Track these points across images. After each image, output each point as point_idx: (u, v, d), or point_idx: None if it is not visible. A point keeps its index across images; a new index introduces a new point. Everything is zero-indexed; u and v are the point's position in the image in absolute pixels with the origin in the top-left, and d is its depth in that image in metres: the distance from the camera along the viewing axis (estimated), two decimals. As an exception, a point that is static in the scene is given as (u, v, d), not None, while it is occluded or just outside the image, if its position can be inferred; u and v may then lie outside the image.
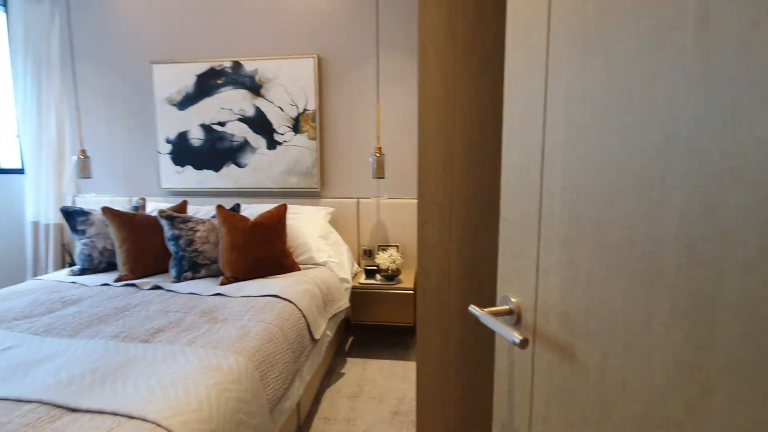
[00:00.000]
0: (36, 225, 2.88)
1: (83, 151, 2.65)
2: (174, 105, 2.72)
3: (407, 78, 2.53)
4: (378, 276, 2.45)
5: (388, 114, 2.57)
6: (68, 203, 2.91)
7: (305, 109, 2.61)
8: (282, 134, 2.65)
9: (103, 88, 2.86)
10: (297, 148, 2.64)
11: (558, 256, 0.52)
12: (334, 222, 2.63)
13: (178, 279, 1.98)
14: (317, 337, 1.75)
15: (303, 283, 1.92)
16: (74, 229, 2.15)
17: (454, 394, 1.04)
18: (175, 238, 2.01)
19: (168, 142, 2.76)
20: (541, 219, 0.55)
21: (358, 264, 2.68)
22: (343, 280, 2.25)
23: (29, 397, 0.99)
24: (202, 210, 2.52)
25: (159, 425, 0.92)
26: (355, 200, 2.66)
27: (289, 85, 2.60)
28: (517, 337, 0.50)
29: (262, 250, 2.04)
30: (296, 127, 2.63)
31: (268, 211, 2.16)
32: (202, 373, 1.12)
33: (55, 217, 2.88)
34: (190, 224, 2.05)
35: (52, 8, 2.79)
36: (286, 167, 2.66)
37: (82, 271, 2.12)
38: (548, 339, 0.54)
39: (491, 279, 0.99)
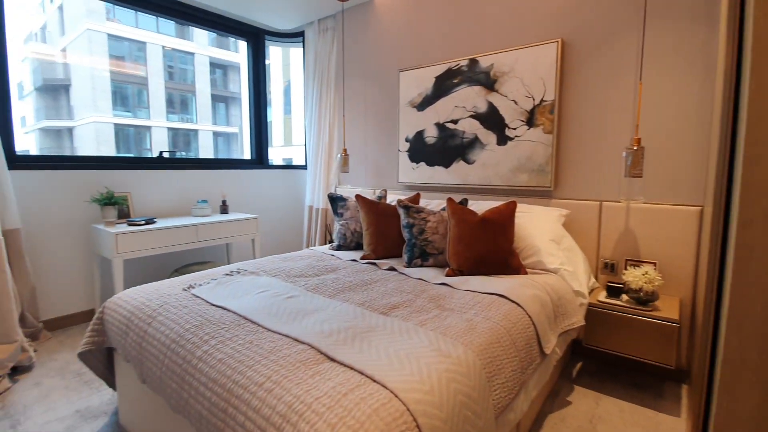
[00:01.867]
0: (311, 208, 3.71)
1: (345, 150, 3.22)
2: (414, 107, 2.98)
3: (688, 51, 1.96)
4: (624, 297, 2.00)
5: (652, 98, 2.06)
6: (332, 191, 3.62)
7: (542, 101, 2.39)
8: (514, 129, 2.51)
9: (362, 97, 3.40)
10: (529, 143, 2.45)
11: None
12: (568, 226, 2.30)
13: (410, 264, 2.13)
14: (547, 351, 1.53)
15: (531, 288, 1.74)
16: (335, 212, 2.62)
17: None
18: (409, 226, 2.16)
19: (407, 140, 3.05)
20: None
21: (596, 278, 2.27)
22: (577, 293, 1.93)
23: (303, 339, 1.20)
24: (431, 203, 2.65)
25: (396, 396, 0.95)
26: (597, 203, 2.26)
27: (526, 76, 2.43)
28: None
29: (488, 246, 1.96)
30: (530, 121, 2.44)
31: (497, 207, 2.06)
32: (433, 356, 1.12)
33: (322, 203, 3.62)
34: (423, 214, 2.17)
35: (333, 36, 3.50)
36: (516, 163, 2.51)
37: (338, 247, 2.56)
38: None
39: None
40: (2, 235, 2.19)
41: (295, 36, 3.89)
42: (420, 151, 2.97)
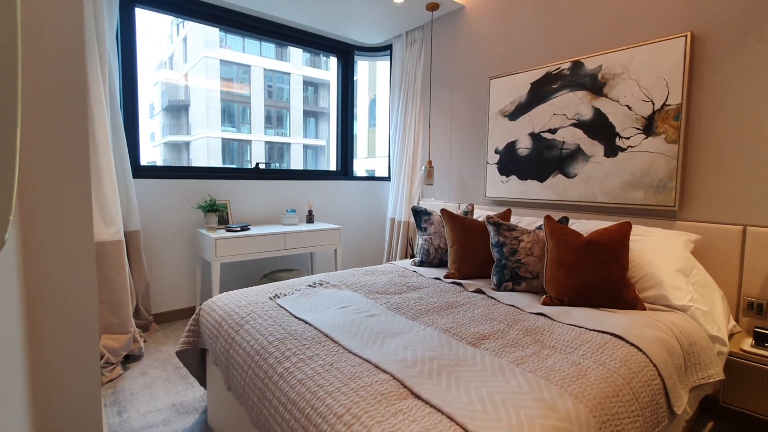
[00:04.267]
0: (393, 221, 3.67)
1: (430, 162, 3.12)
2: (506, 116, 2.78)
3: None
4: (780, 347, 1.58)
5: (828, 96, 1.62)
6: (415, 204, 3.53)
7: (665, 105, 2.04)
8: (627, 138, 2.18)
9: (450, 107, 3.29)
10: (647, 154, 2.10)
11: None
12: (699, 255, 1.91)
13: (499, 287, 1.94)
14: (677, 410, 1.24)
15: (653, 328, 1.44)
16: (419, 226, 2.52)
17: None
18: (500, 246, 1.98)
19: (496, 152, 2.85)
20: None
21: (736, 320, 1.85)
22: (714, 338, 1.57)
23: (385, 368, 1.11)
24: (524, 220, 2.42)
25: (492, 452, 0.80)
26: (739, 227, 1.84)
27: (643, 78, 2.11)
28: None
29: (595, 273, 1.70)
30: (648, 129, 2.10)
31: (606, 228, 1.78)
32: (535, 407, 0.94)
33: (405, 216, 3.56)
34: (515, 233, 1.97)
35: (420, 48, 3.45)
36: (628, 178, 2.18)
37: (421, 263, 2.45)
38: None
39: None
40: (124, 237, 2.48)
41: (383, 50, 3.93)
42: (511, 163, 2.75)
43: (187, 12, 3.03)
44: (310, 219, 3.46)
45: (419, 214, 2.53)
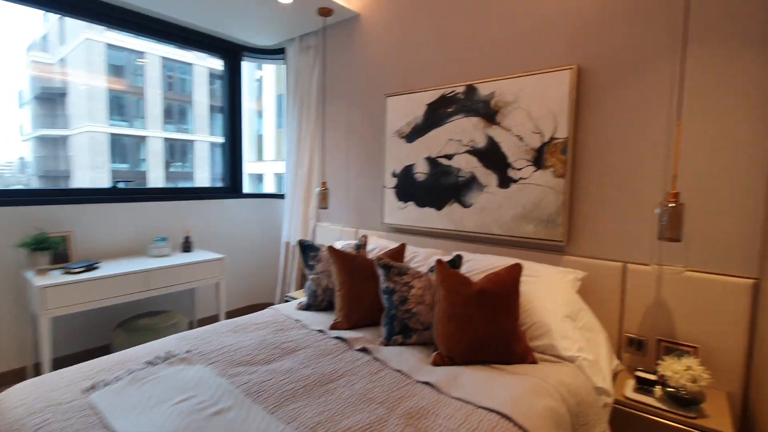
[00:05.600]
0: (287, 245, 3.29)
1: (324, 184, 2.82)
2: (403, 137, 2.59)
3: (738, 86, 1.57)
4: (657, 391, 1.57)
5: (692, 142, 1.66)
6: (311, 230, 3.20)
7: (553, 138, 1.99)
8: (518, 169, 2.11)
9: (345, 123, 3.02)
10: (537, 187, 2.05)
11: None
12: (584, 291, 1.89)
13: (389, 340, 1.71)
14: (566, 503, 1.11)
15: (543, 395, 1.32)
16: (306, 263, 2.21)
17: None
18: (389, 292, 1.75)
19: (394, 176, 2.65)
20: None
21: (618, 356, 1.85)
22: (600, 390, 1.51)
23: None
24: (420, 254, 2.24)
25: None
26: (620, 264, 1.84)
27: (534, 108, 2.04)
28: None
29: (487, 327, 1.55)
30: (538, 161, 2.04)
31: (497, 274, 1.65)
32: None
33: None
34: (406, 278, 1.76)
35: (315, 55, 3.13)
36: (520, 211, 2.11)
37: (307, 306, 2.14)
38: None
39: None
40: None
41: (276, 52, 3.53)
42: (408, 188, 2.57)
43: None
44: (186, 248, 2.95)
45: (307, 249, 2.21)
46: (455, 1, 2.35)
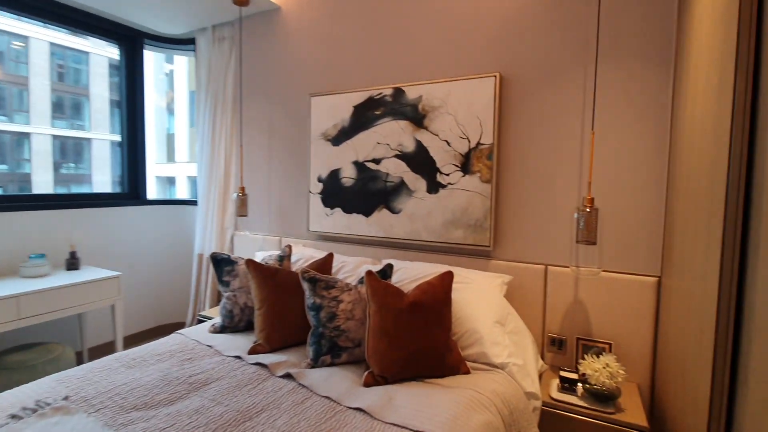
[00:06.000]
0: (201, 258, 2.96)
1: (242, 189, 2.57)
2: (329, 140, 2.45)
3: (641, 98, 1.69)
4: (579, 389, 1.63)
5: (603, 150, 1.77)
6: (228, 240, 2.90)
7: (479, 144, 2.00)
8: (447, 174, 2.09)
9: (266, 125, 2.79)
10: (465, 192, 2.05)
11: None
12: (511, 294, 1.92)
13: (316, 362, 1.56)
14: None
15: (479, 409, 1.27)
16: (220, 279, 1.96)
17: None
18: (316, 309, 1.60)
19: (320, 181, 2.50)
20: None
21: (542, 356, 1.90)
22: (530, 395, 1.52)
23: None
24: (348, 263, 2.12)
25: None
26: (542, 267, 1.91)
27: (460, 113, 2.04)
28: None
29: (420, 341, 1.47)
30: (466, 166, 2.04)
31: (429, 284, 1.59)
32: None
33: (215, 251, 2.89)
34: (334, 292, 1.62)
35: (231, 47, 2.86)
36: (449, 216, 2.09)
37: (222, 329, 1.90)
38: None
39: None
40: None
41: (185, 42, 3.17)
42: (335, 194, 2.44)
43: None
44: (72, 265, 2.49)
45: (220, 263, 1.97)
46: (383, 1, 2.29)
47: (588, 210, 1.63)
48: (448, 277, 1.63)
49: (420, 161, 2.16)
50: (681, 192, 1.43)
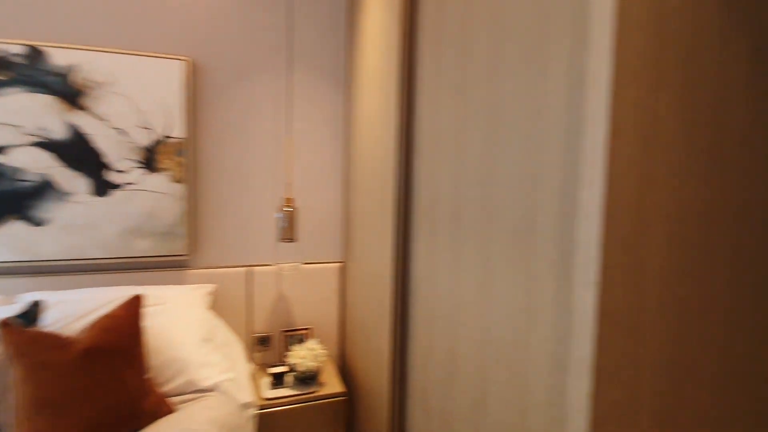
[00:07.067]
0: None
1: None
2: None
3: (327, 103, 1.94)
4: (286, 379, 1.75)
5: (304, 153, 1.92)
6: None
7: (167, 137, 1.72)
8: (123, 172, 1.68)
9: None
10: (151, 194, 1.71)
11: None
12: (216, 304, 1.79)
13: None
14: None
15: (194, 450, 1.11)
16: None
17: None
18: None
19: None
20: None
21: (249, 358, 1.90)
22: (246, 405, 1.47)
23: None
24: (-54, 311, 1.33)
25: None
26: (244, 269, 1.88)
27: (140, 98, 1.67)
28: None
29: (104, 398, 1.12)
30: (150, 163, 1.70)
31: (110, 317, 1.23)
32: None
33: None
34: None
35: None
36: (131, 224, 1.69)
37: None
38: None
39: None
40: None
41: None
42: None
43: None
44: None
45: None
46: None
47: (289, 210, 1.73)
48: (135, 302, 1.32)
49: (78, 153, 1.62)
50: (359, 190, 1.75)
